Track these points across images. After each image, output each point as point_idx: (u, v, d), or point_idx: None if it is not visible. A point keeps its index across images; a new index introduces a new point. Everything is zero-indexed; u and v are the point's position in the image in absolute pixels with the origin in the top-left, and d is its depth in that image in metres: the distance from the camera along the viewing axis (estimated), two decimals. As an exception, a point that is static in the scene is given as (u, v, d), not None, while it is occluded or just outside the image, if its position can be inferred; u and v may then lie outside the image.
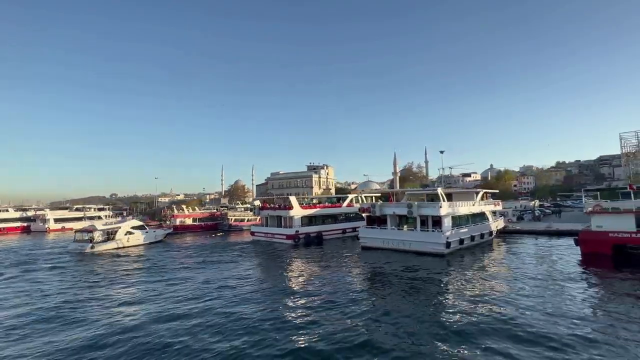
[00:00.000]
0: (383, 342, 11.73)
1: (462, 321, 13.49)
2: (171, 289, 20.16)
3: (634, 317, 13.42)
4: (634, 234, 24.59)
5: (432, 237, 28.64)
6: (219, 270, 25.22)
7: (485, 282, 19.55)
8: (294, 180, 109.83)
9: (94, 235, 36.62)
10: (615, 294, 16.80)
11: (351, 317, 14.24)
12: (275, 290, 19.27)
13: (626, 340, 11.49)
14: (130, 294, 19.26)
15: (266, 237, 41.55)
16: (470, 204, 33.63)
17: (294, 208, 38.88)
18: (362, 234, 33.47)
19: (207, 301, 17.25)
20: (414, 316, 14.25)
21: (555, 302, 15.59)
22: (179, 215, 59.18)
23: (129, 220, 41.57)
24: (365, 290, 18.73)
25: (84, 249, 35.17)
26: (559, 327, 12.63)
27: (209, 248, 37.44)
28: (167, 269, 26.44)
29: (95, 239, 36.51)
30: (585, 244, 26.45)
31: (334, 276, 22.18)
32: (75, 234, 38.70)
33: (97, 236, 36.93)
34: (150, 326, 13.92)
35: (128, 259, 31.81)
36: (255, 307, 16.04)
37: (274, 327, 13.39)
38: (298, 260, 28.79)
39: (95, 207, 77.27)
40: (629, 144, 50.46)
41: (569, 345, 11.17)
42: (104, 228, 37.89)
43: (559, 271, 21.64)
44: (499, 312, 14.34)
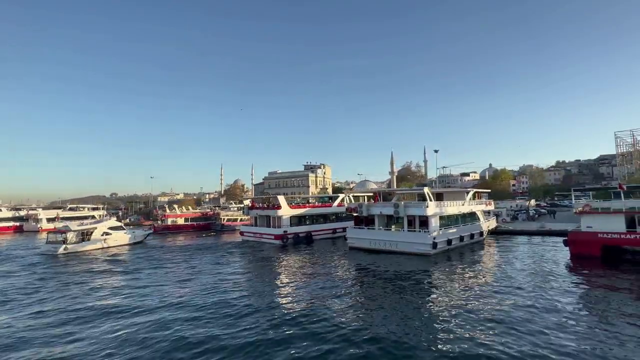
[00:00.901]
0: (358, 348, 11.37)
1: (440, 324, 13.14)
2: (132, 293, 19.20)
3: (618, 324, 12.81)
4: (624, 235, 23.98)
5: (418, 238, 28.10)
6: (194, 273, 24.03)
7: (467, 285, 18.98)
8: (291, 179, 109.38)
9: (68, 236, 35.45)
10: (601, 298, 16.14)
11: (326, 326, 13.50)
12: (252, 295, 18.23)
13: (610, 345, 11.10)
14: (94, 299, 18.22)
15: (255, 237, 41.06)
16: (460, 204, 33.05)
17: (282, 208, 38.34)
18: (350, 235, 32.95)
19: (167, 311, 15.68)
20: (391, 321, 13.71)
21: (536, 305, 15.08)
22: (170, 215, 58.76)
23: (106, 220, 40.72)
24: (344, 294, 17.92)
25: (57, 250, 33.94)
26: (538, 330, 12.29)
27: (194, 249, 36.71)
28: (139, 271, 25.51)
29: (69, 240, 35.30)
30: (574, 244, 25.87)
31: (316, 279, 21.46)
32: (47, 235, 37.15)
33: (71, 237, 35.71)
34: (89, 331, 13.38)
35: (100, 260, 30.62)
36: (219, 322, 14.11)
37: (245, 340, 12.20)
38: (283, 262, 28.23)
39: (89, 206, 76.92)
40: (624, 143, 49.72)
41: (550, 348, 10.90)
42: (78, 229, 36.69)
43: (545, 273, 21.05)
44: (476, 315, 13.94)
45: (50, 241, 35.73)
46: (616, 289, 17.69)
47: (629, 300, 15.78)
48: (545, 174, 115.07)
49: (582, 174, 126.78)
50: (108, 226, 39.48)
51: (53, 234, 36.55)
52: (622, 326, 12.55)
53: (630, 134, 46.83)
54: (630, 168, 49.58)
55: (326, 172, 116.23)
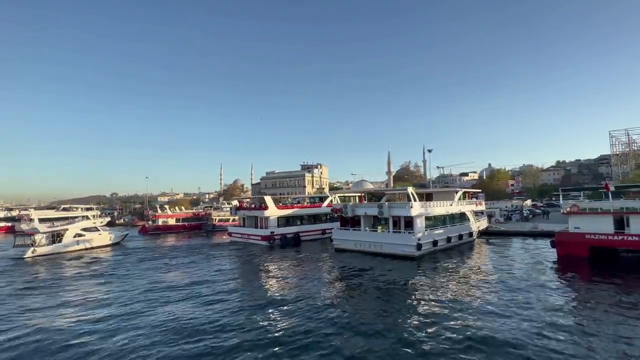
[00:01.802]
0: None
1: (420, 329, 12.77)
2: (95, 298, 18.37)
3: (601, 329, 12.24)
4: (612, 236, 23.30)
5: (402, 239, 27.46)
6: (168, 278, 22.92)
7: (450, 287, 18.45)
8: (287, 179, 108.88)
9: (36, 239, 34.15)
10: (585, 302, 15.38)
11: (298, 332, 12.94)
12: (225, 298, 17.39)
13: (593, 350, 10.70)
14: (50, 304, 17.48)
15: (242, 238, 40.52)
16: (448, 204, 32.38)
17: (269, 208, 37.76)
18: (335, 236, 32.37)
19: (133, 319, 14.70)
20: (367, 326, 13.12)
21: (518, 308, 14.58)
22: (161, 216, 58.32)
23: (79, 221, 39.97)
24: (322, 297, 17.21)
25: (24, 253, 32.49)
26: (519, 334, 11.88)
27: (176, 250, 35.87)
28: (105, 276, 24.41)
29: (37, 243, 34.01)
30: (561, 246, 25.20)
31: (296, 281, 20.85)
32: (15, 238, 35.53)
33: (40, 239, 34.47)
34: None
35: (67, 265, 29.15)
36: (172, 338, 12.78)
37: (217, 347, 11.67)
38: (265, 264, 27.61)
39: (82, 207, 76.29)
40: (619, 142, 48.84)
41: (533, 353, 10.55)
42: (48, 230, 35.66)
43: (529, 276, 20.39)
44: (456, 319, 13.55)
45: (17, 244, 34.13)
46: (601, 292, 17.02)
47: (613, 304, 15.08)
48: (541, 174, 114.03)
49: (581, 174, 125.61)
50: (81, 227, 38.25)
51: (21, 237, 35.18)
52: (605, 331, 12.01)
53: (625, 133, 45.98)
54: (625, 168, 48.75)
55: (323, 172, 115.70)
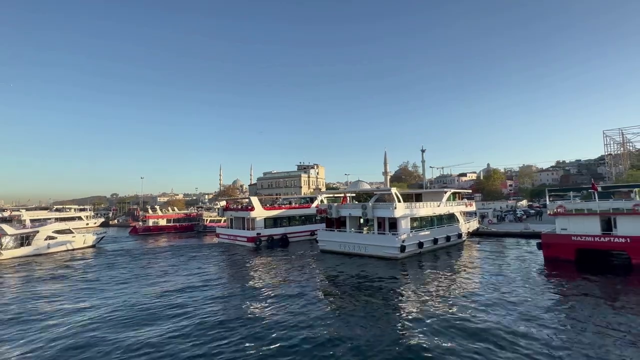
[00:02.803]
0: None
1: (396, 333, 12.44)
2: (50, 306, 17.19)
3: (584, 334, 11.77)
4: (598, 238, 22.65)
5: (385, 241, 26.90)
6: (129, 288, 20.77)
7: (429, 291, 17.92)
8: (283, 180, 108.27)
9: (3, 241, 33.07)
10: (566, 309, 14.65)
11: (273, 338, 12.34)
12: (191, 313, 15.51)
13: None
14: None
15: (229, 239, 40.01)
16: (435, 205, 31.76)
17: (256, 209, 37.20)
18: (320, 237, 31.82)
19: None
20: (341, 334, 12.52)
21: (495, 312, 14.14)
22: (151, 216, 57.86)
23: (51, 223, 39.28)
24: (293, 301, 16.60)
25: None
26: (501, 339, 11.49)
27: (157, 252, 34.95)
28: (69, 280, 23.39)
29: (4, 245, 32.95)
30: (547, 248, 24.58)
31: (272, 286, 20.16)
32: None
33: (7, 242, 33.37)
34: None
35: (32, 269, 27.85)
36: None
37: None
38: (247, 266, 27.05)
39: (76, 207, 76.06)
40: (614, 142, 48.10)
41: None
42: (16, 233, 34.56)
43: (514, 278, 19.87)
44: (429, 322, 13.15)
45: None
46: (585, 295, 16.41)
47: (598, 308, 14.52)
48: (540, 174, 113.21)
49: (580, 174, 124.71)
50: (53, 229, 37.28)
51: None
52: (587, 336, 11.56)
53: (619, 132, 45.22)
54: (620, 168, 48.00)
55: (319, 173, 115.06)
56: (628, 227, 21.91)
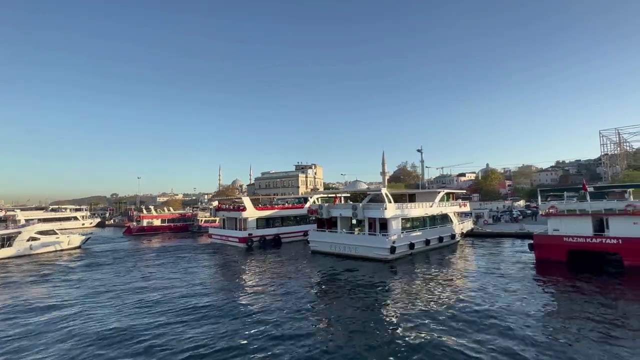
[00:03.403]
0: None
1: (380, 334, 12.28)
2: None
3: (572, 339, 11.47)
4: (590, 239, 22.27)
5: (375, 242, 26.53)
6: (108, 289, 20.17)
7: (419, 292, 17.62)
8: (281, 180, 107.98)
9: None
10: (553, 313, 14.31)
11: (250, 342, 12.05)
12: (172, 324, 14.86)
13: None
14: None
15: (221, 240, 39.68)
16: (428, 205, 31.38)
17: (247, 209, 36.85)
18: (311, 238, 31.47)
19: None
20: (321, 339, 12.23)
21: (483, 316, 13.82)
22: (145, 217, 57.50)
23: (33, 224, 38.74)
24: (278, 304, 16.18)
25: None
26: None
27: (145, 253, 34.24)
28: (48, 283, 22.56)
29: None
30: (539, 249, 24.21)
31: (260, 289, 19.63)
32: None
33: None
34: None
35: (10, 271, 27.06)
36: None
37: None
38: (235, 267, 26.67)
39: (71, 207, 75.75)
40: (610, 142, 47.61)
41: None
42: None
43: (504, 281, 19.50)
44: (417, 327, 12.88)
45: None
46: (573, 298, 16.08)
47: (586, 312, 14.11)
48: (535, 175, 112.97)
49: (580, 174, 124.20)
50: (35, 230, 36.40)
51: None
52: (576, 341, 11.27)
53: (615, 132, 44.69)
54: (616, 168, 47.55)
55: (317, 173, 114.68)
56: (620, 228, 21.53)
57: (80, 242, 39.80)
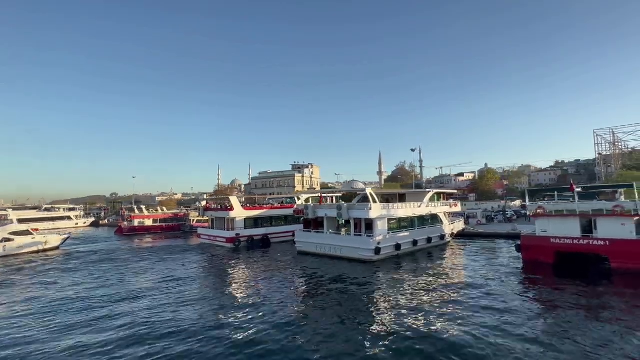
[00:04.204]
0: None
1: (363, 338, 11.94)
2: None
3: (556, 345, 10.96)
4: (577, 240, 21.73)
5: (360, 242, 26.04)
6: (74, 295, 18.96)
7: (401, 295, 17.12)
8: (277, 179, 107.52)
9: None
10: (537, 321, 13.50)
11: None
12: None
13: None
14: None
15: (209, 240, 39.23)
16: (416, 205, 30.85)
17: (235, 209, 36.34)
18: (298, 238, 31.01)
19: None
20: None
21: (463, 318, 13.45)
22: (137, 216, 57.09)
23: (8, 225, 37.97)
24: (260, 312, 15.20)
25: None
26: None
27: (129, 254, 33.42)
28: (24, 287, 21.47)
29: None
30: (526, 250, 23.69)
31: (240, 291, 19.10)
32: None
33: None
34: None
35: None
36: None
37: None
38: (219, 269, 26.05)
39: (65, 207, 75.36)
40: (605, 141, 46.99)
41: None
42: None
43: (490, 282, 19.05)
44: (398, 330, 12.53)
45: None
46: (555, 305, 15.39)
47: (571, 319, 13.53)
48: (534, 175, 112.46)
49: (578, 174, 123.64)
50: (9, 231, 35.37)
51: None
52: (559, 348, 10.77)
53: (609, 131, 44.02)
54: (610, 169, 46.95)
55: (314, 172, 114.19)
56: (608, 229, 20.99)
57: (59, 242, 38.70)
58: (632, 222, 20.22)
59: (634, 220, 20.22)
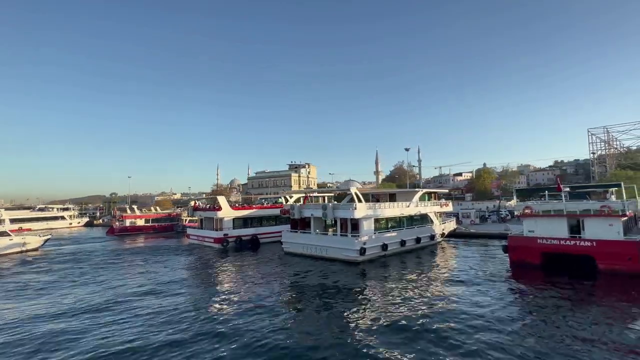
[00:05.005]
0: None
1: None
2: None
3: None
4: (563, 241, 21.23)
5: (345, 243, 25.58)
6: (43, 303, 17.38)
7: (383, 297, 16.69)
8: (273, 179, 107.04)
9: None
10: (520, 325, 13.05)
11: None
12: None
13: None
14: None
15: (198, 240, 38.76)
16: (404, 205, 30.38)
17: (223, 209, 35.89)
18: (284, 239, 30.56)
19: None
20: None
21: (443, 321, 13.16)
22: (128, 216, 56.60)
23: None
24: (239, 316, 14.63)
25: None
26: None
27: (110, 256, 32.45)
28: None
29: None
30: (513, 251, 23.16)
31: (218, 300, 17.73)
32: None
33: None
34: None
35: None
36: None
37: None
38: (201, 271, 25.31)
39: (58, 207, 74.94)
40: (600, 140, 46.43)
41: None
42: None
43: (475, 285, 18.64)
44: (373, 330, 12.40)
45: None
46: (539, 306, 15.08)
47: (557, 319, 13.24)
48: (532, 174, 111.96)
49: (577, 174, 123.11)
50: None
51: None
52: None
53: (604, 130, 43.45)
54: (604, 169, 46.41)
55: (311, 172, 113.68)
56: (595, 230, 20.50)
57: (39, 244, 37.80)
58: (620, 223, 19.74)
59: (621, 220, 19.74)
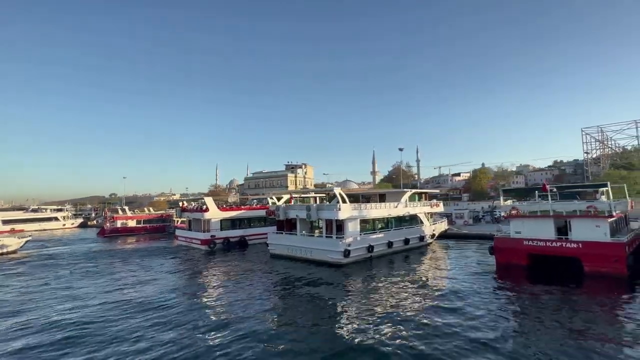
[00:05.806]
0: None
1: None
2: None
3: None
4: (550, 243, 20.70)
5: (329, 245, 25.06)
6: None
7: (364, 304, 15.86)
8: (270, 179, 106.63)
9: None
10: (503, 327, 12.57)
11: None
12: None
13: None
14: None
15: (186, 242, 38.35)
16: (392, 206, 29.85)
17: (210, 210, 35.43)
18: (270, 240, 30.00)
19: None
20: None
21: (425, 325, 12.68)
22: (119, 217, 56.22)
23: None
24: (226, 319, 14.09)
25: None
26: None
27: (93, 259, 31.48)
28: None
29: None
30: (499, 252, 22.68)
31: (209, 296, 17.67)
32: None
33: None
34: None
35: None
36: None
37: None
38: (183, 274, 24.63)
39: (52, 207, 74.61)
40: (594, 140, 45.86)
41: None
42: None
43: (462, 285, 18.19)
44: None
45: None
46: (523, 309, 14.59)
47: (533, 324, 12.72)
48: (531, 174, 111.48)
49: (575, 173, 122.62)
50: None
51: None
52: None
53: (598, 130, 42.84)
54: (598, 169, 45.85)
55: (307, 172, 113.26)
56: (582, 231, 19.97)
57: (17, 246, 36.99)
58: (607, 224, 19.21)
59: (608, 221, 19.20)
